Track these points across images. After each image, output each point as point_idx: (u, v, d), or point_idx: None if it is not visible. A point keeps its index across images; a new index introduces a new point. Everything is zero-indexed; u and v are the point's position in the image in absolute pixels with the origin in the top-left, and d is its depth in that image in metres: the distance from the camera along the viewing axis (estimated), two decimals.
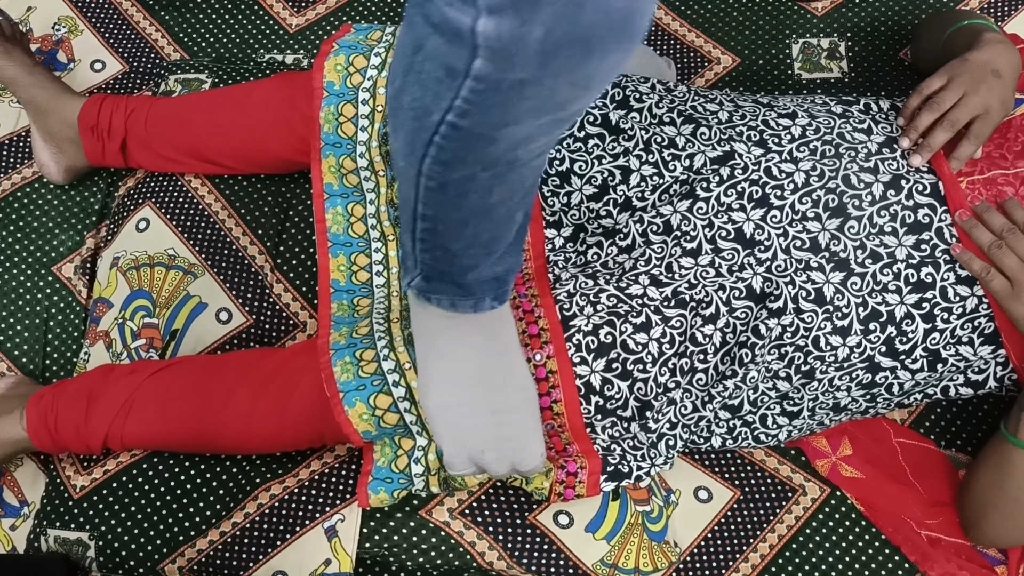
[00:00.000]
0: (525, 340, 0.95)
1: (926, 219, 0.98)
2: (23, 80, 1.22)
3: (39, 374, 1.20)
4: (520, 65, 0.54)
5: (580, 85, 0.57)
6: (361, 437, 0.96)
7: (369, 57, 1.09)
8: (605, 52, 0.55)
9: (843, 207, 0.98)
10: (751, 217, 0.98)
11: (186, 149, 1.20)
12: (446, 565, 1.02)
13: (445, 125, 0.61)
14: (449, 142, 0.63)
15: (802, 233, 0.98)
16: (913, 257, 0.98)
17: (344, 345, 1.00)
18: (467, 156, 0.64)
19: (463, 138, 0.62)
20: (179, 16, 1.42)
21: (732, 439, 1.09)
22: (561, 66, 0.55)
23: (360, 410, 0.95)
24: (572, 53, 0.54)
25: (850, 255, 0.97)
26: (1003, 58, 1.00)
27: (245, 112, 1.17)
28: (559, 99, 0.58)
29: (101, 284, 1.21)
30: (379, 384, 0.95)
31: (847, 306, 0.97)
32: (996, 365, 1.02)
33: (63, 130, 1.22)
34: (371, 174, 1.11)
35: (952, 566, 1.07)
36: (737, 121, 1.05)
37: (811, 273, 0.97)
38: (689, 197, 1.01)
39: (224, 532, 1.04)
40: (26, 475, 1.14)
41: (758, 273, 0.97)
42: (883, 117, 1.05)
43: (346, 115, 1.09)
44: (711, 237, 0.99)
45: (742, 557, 1.09)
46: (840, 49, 1.39)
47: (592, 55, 0.54)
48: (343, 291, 1.11)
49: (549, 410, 0.94)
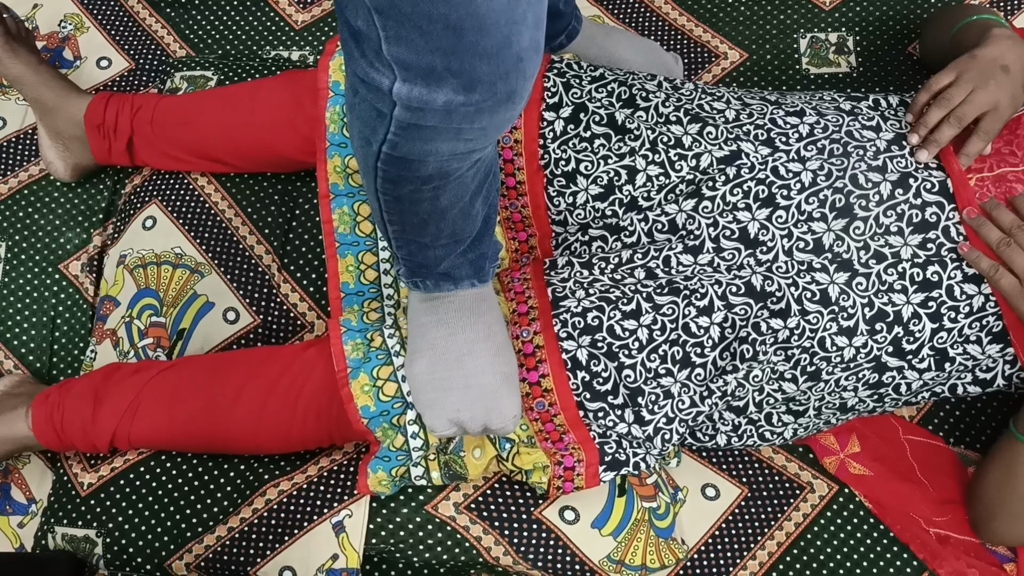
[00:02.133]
0: (515, 319, 0.98)
1: (933, 217, 0.98)
2: (29, 78, 1.22)
3: (45, 372, 1.20)
4: (429, 116, 0.67)
5: (479, 129, 0.69)
6: (360, 415, 0.97)
7: None
8: (494, 112, 0.68)
9: (850, 207, 0.97)
10: (756, 217, 0.98)
11: (191, 148, 1.20)
12: (452, 560, 1.02)
13: (383, 153, 0.73)
14: (389, 166, 0.74)
15: (807, 234, 0.97)
16: (919, 256, 0.97)
17: (356, 328, 1.01)
18: (406, 175, 0.75)
19: (399, 162, 0.73)
20: (185, 13, 1.42)
21: (738, 437, 1.08)
22: (462, 119, 0.67)
23: (362, 381, 0.97)
24: (466, 113, 0.67)
25: (853, 256, 0.97)
26: (1012, 54, 1.00)
27: (251, 112, 1.17)
28: (465, 136, 0.70)
29: (108, 282, 1.21)
30: (383, 358, 0.97)
31: (853, 307, 0.97)
32: (1004, 363, 1.02)
33: (69, 128, 1.22)
34: None
35: (961, 564, 1.06)
36: (744, 120, 1.04)
37: (815, 274, 0.97)
38: (695, 196, 1.01)
39: (232, 528, 1.04)
40: (33, 473, 1.14)
41: (757, 272, 0.97)
42: (892, 113, 1.05)
43: None
44: (715, 236, 0.99)
45: (750, 554, 1.09)
46: (848, 44, 1.38)
47: (483, 114, 0.67)
48: (353, 294, 1.11)
49: (538, 386, 0.97)
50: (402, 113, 0.67)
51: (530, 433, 0.98)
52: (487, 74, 0.64)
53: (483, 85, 0.64)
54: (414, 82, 0.64)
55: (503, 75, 0.65)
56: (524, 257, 1.09)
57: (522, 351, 0.97)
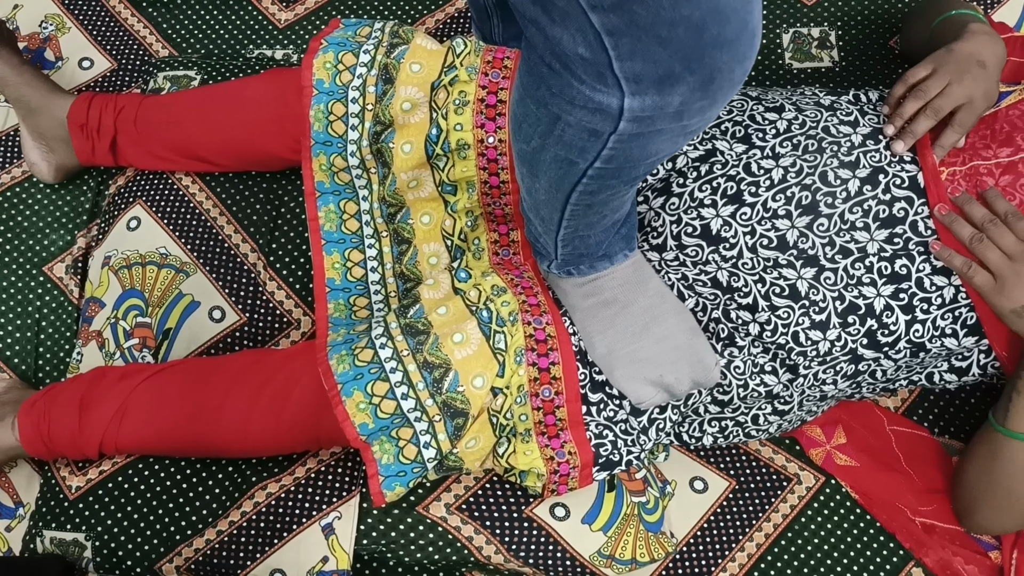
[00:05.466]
0: (526, 307, 0.99)
1: (901, 213, 0.98)
2: (11, 79, 1.21)
3: (31, 374, 1.20)
4: (659, 122, 0.64)
5: (706, 120, 0.67)
6: (358, 432, 0.95)
7: (358, 55, 1.09)
8: (726, 98, 0.65)
9: (815, 204, 0.98)
10: (720, 213, 0.98)
11: (176, 147, 1.20)
12: (444, 560, 1.02)
13: (592, 170, 0.71)
14: (595, 181, 0.73)
15: (770, 231, 0.98)
16: (885, 251, 0.97)
17: (341, 342, 1.00)
18: (612, 183, 0.74)
19: (609, 174, 0.72)
20: (167, 12, 1.41)
21: (723, 437, 1.09)
22: (692, 115, 0.64)
23: (357, 399, 0.95)
24: (701, 107, 0.63)
25: (819, 252, 0.97)
26: (988, 49, 1.01)
27: (236, 110, 1.16)
28: (689, 130, 0.67)
29: (93, 284, 1.20)
30: (376, 372, 0.95)
31: (823, 300, 0.97)
32: (979, 353, 1.03)
33: (53, 129, 1.22)
34: (363, 172, 1.11)
35: (946, 552, 1.08)
36: (723, 116, 1.05)
37: (782, 270, 0.97)
38: (664, 193, 1.01)
39: (221, 531, 1.04)
40: (21, 476, 1.14)
41: (723, 268, 0.98)
42: (871, 108, 1.05)
43: (336, 113, 1.09)
44: (676, 233, 0.99)
45: (738, 546, 1.10)
46: (831, 38, 1.39)
47: (716, 105, 0.64)
48: (339, 290, 1.11)
49: (547, 372, 0.97)
50: (627, 127, 0.64)
51: (528, 425, 0.98)
52: (727, 62, 0.60)
53: (722, 75, 0.61)
54: (645, 93, 0.61)
55: (741, 58, 0.61)
56: (504, 250, 1.09)
57: (534, 336, 0.98)
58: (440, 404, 0.94)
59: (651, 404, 0.98)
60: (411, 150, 1.07)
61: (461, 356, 0.95)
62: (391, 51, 1.08)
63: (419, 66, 1.07)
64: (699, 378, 0.98)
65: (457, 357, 0.95)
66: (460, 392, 0.94)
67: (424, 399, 0.94)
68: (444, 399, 0.94)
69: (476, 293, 1.00)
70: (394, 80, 1.07)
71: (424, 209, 1.10)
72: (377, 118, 1.07)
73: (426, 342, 0.95)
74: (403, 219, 1.11)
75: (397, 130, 1.07)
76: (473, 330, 0.96)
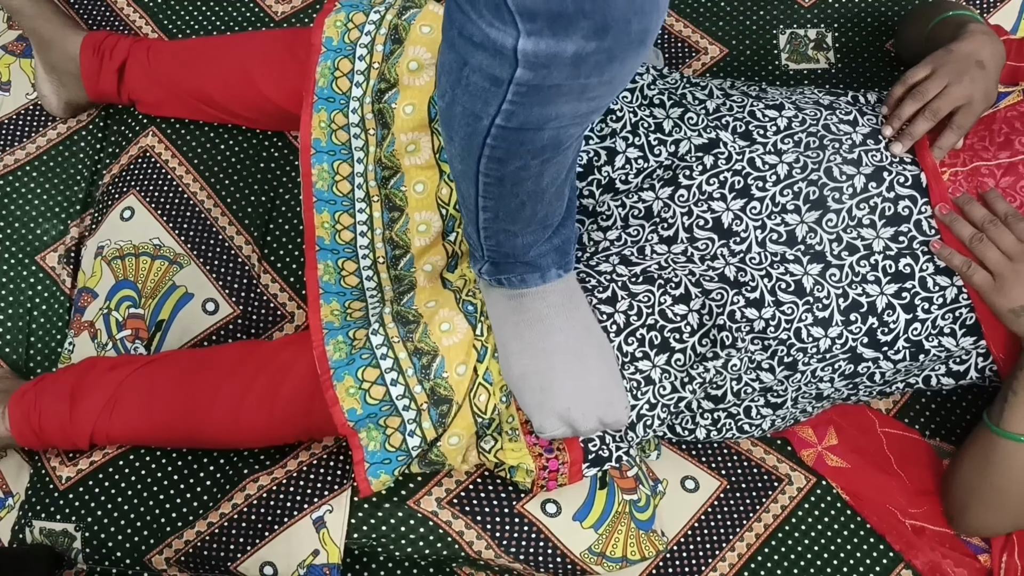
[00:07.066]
0: None
1: (906, 211, 0.99)
2: (28, 10, 1.23)
3: (23, 364, 1.19)
4: (555, 72, 0.62)
5: (606, 82, 0.65)
6: (346, 417, 0.95)
7: (368, 14, 1.10)
8: (624, 59, 0.63)
9: (823, 200, 0.98)
10: (731, 207, 0.99)
11: (180, 81, 1.21)
12: (434, 555, 1.02)
13: (495, 127, 0.69)
14: (500, 141, 0.71)
15: (780, 226, 0.98)
16: (891, 249, 0.98)
17: (338, 327, 1.00)
18: (518, 149, 0.72)
19: (513, 134, 0.69)
20: (164, 3, 1.41)
21: (716, 431, 1.09)
22: (590, 71, 0.62)
23: (348, 384, 0.95)
24: (598, 61, 0.62)
25: (826, 248, 0.98)
26: (987, 49, 1.01)
27: (245, 47, 1.19)
28: (590, 94, 0.66)
29: (86, 274, 1.20)
30: (367, 358, 0.96)
31: (827, 297, 0.98)
32: (977, 356, 1.03)
33: (65, 63, 1.23)
34: (361, 132, 1.10)
35: (936, 554, 1.08)
36: (724, 111, 1.05)
37: (788, 265, 0.98)
38: (671, 184, 1.01)
39: (212, 523, 1.04)
40: (10, 466, 1.13)
41: (730, 263, 0.98)
42: (870, 109, 1.06)
43: (342, 70, 1.09)
44: (688, 225, 0.99)
45: (728, 546, 1.10)
46: (827, 40, 1.39)
47: (614, 62, 0.63)
48: (327, 250, 1.10)
49: None
50: (524, 74, 0.62)
51: (515, 425, 0.98)
52: (622, 10, 0.59)
53: (617, 24, 0.60)
54: (540, 34, 0.60)
55: (638, 9, 0.60)
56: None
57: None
58: (428, 390, 0.94)
59: (552, 436, 0.95)
60: (412, 111, 1.07)
61: (448, 343, 0.95)
62: (402, 13, 1.09)
63: (429, 28, 1.08)
64: (607, 420, 0.94)
65: (444, 344, 0.95)
66: (444, 378, 0.95)
67: (413, 385, 0.95)
68: (431, 385, 0.94)
69: (462, 282, 1.00)
70: (403, 40, 1.08)
71: (418, 177, 1.09)
72: (383, 76, 1.08)
73: (416, 330, 0.96)
74: (396, 185, 1.10)
75: (401, 91, 1.07)
76: (460, 321, 0.96)
